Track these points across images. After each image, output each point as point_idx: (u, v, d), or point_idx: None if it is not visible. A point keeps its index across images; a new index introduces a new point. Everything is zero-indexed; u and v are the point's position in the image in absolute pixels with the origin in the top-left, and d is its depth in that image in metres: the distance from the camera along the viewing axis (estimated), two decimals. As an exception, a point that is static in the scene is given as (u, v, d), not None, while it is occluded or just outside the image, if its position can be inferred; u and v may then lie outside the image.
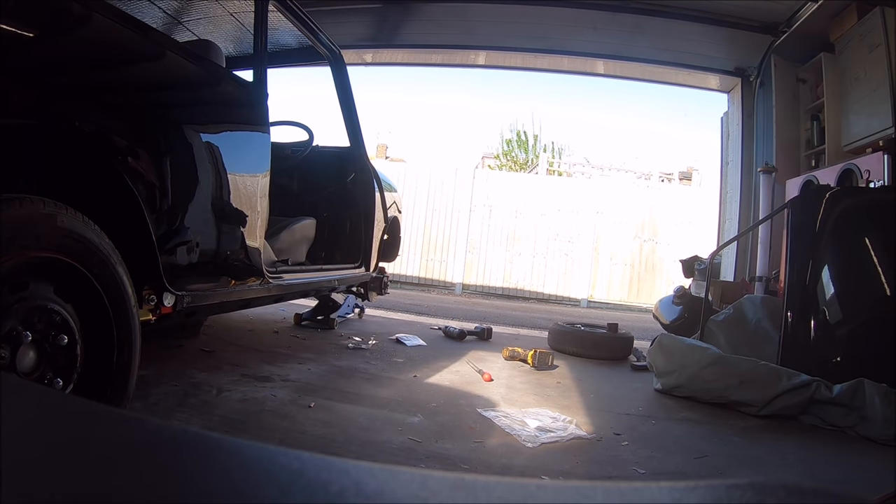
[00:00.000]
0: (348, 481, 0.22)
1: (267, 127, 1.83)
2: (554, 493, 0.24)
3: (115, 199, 1.24)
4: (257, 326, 2.98)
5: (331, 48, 2.55)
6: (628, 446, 1.65)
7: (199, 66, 1.56)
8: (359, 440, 1.50)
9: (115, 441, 0.25)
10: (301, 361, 2.31)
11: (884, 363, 2.10)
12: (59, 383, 1.04)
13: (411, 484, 0.22)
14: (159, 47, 1.40)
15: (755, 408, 2.07)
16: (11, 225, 0.92)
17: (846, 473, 1.60)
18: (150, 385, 1.72)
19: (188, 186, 1.49)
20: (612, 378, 2.60)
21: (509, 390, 2.19)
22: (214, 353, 2.27)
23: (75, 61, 1.14)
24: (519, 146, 13.95)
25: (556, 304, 7.33)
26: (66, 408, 0.30)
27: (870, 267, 2.30)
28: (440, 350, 2.86)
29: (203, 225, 1.58)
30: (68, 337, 1.06)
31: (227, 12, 2.44)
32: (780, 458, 1.66)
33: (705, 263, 3.65)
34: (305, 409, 1.70)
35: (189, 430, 0.25)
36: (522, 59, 5.66)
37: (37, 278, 1.03)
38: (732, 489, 0.22)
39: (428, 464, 1.39)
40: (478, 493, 0.22)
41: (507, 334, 3.73)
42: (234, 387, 1.84)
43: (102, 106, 1.20)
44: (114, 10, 1.21)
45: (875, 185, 3.05)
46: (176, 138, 1.45)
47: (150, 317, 1.34)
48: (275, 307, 3.23)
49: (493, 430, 1.68)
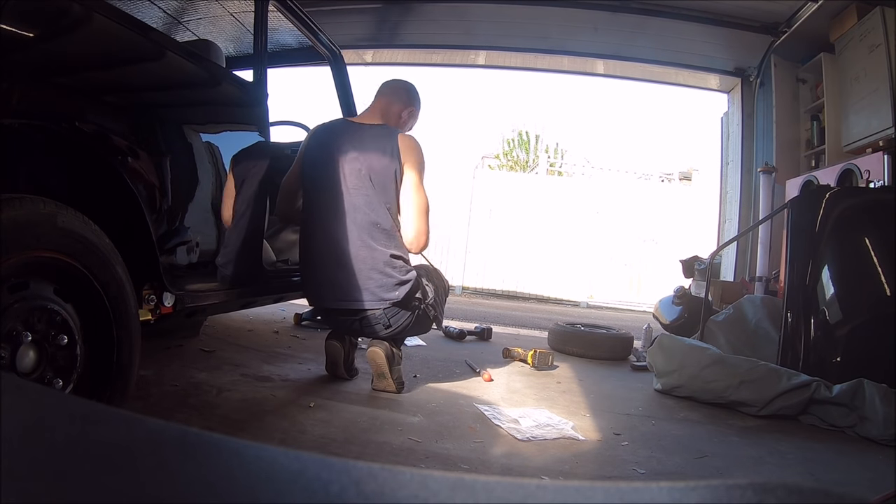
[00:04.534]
0: (348, 481, 0.22)
1: (267, 127, 1.83)
2: (554, 493, 0.24)
3: (114, 199, 1.24)
4: (257, 326, 2.98)
5: (331, 48, 2.56)
6: (628, 446, 1.65)
7: (199, 65, 1.56)
8: (359, 440, 1.50)
9: (115, 441, 0.25)
10: (301, 361, 2.31)
11: (884, 363, 2.10)
12: (59, 383, 1.04)
13: (411, 484, 0.22)
14: (159, 47, 1.40)
15: (755, 408, 2.07)
16: (11, 225, 0.92)
17: (846, 473, 1.60)
18: (150, 385, 1.72)
19: (188, 186, 1.49)
20: (612, 378, 2.60)
21: (509, 390, 2.19)
22: (214, 353, 2.27)
23: (75, 61, 1.14)
24: (520, 146, 13.96)
25: (556, 304, 7.33)
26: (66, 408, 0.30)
27: (870, 267, 2.30)
28: (440, 350, 2.85)
29: (203, 225, 1.58)
30: (68, 337, 1.06)
31: (227, 12, 2.44)
32: (780, 458, 1.66)
33: (705, 263, 3.65)
34: (305, 409, 1.70)
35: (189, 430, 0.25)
36: (522, 59, 5.66)
37: (37, 278, 1.03)
38: (732, 489, 0.22)
39: (428, 464, 1.39)
40: (478, 493, 0.22)
41: (507, 334, 3.73)
42: (234, 387, 1.84)
43: (102, 106, 1.20)
44: (114, 10, 1.21)
45: (875, 185, 3.05)
46: (176, 138, 1.45)
47: (150, 317, 1.34)
48: (275, 307, 3.23)
49: (493, 430, 1.68)
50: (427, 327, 2.10)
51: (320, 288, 1.95)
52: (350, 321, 1.95)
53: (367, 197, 1.89)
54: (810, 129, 4.21)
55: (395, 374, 1.94)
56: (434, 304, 2.03)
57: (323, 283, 1.93)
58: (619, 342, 3.11)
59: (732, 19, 4.28)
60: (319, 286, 1.95)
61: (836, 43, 3.75)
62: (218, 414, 1.58)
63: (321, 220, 1.93)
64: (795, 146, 4.37)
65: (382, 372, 1.92)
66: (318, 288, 1.97)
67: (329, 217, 1.91)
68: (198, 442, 0.25)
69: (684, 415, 2.07)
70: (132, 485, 0.21)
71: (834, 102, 3.81)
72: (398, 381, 1.96)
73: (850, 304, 2.33)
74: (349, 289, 1.89)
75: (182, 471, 0.23)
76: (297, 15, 2.15)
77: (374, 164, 1.91)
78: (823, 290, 2.39)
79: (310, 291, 2.02)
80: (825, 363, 2.27)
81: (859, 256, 2.34)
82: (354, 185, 1.90)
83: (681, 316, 3.53)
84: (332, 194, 1.91)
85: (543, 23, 4.68)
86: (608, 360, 3.01)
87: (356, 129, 2.01)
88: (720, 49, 4.71)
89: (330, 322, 2.09)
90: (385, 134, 1.96)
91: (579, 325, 3.41)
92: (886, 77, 3.22)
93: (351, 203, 1.89)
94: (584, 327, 3.36)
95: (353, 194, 1.90)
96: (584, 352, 3.03)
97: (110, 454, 0.24)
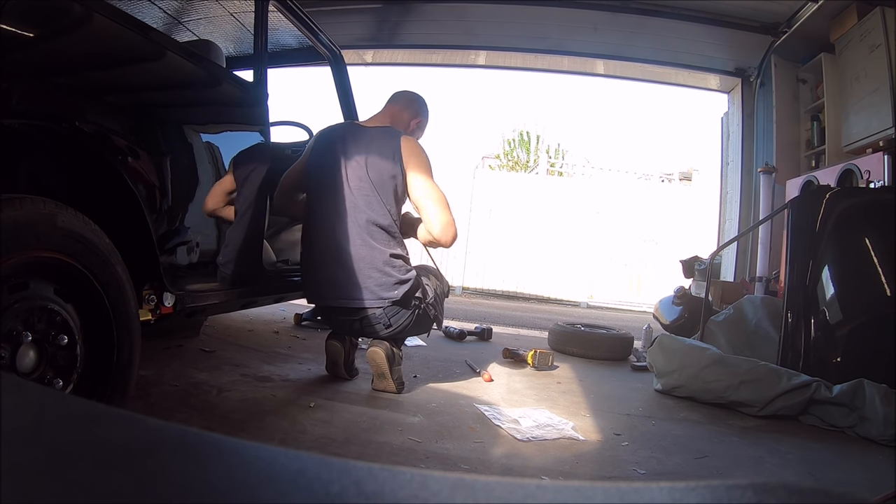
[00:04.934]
0: (348, 481, 0.22)
1: (267, 127, 1.83)
2: (554, 493, 0.24)
3: (115, 199, 1.24)
4: (257, 326, 2.98)
5: (331, 48, 2.56)
6: (628, 446, 1.65)
7: (199, 66, 1.56)
8: (359, 440, 1.50)
9: (115, 441, 0.25)
10: (301, 361, 2.31)
11: (884, 363, 2.10)
12: (59, 383, 1.04)
13: (411, 484, 0.22)
14: (159, 47, 1.40)
15: (755, 408, 2.07)
16: (11, 225, 0.92)
17: (846, 473, 1.60)
18: (150, 385, 1.72)
19: (188, 186, 1.49)
20: (612, 378, 2.60)
21: (509, 390, 2.19)
22: (214, 353, 2.27)
23: (75, 61, 1.14)
24: (521, 146, 13.95)
25: (556, 304, 7.33)
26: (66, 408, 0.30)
27: (870, 267, 2.30)
28: (440, 350, 2.85)
29: (203, 225, 1.58)
30: (68, 337, 1.06)
31: (227, 12, 2.44)
32: (780, 458, 1.66)
33: (705, 263, 3.65)
34: (305, 409, 1.70)
35: (189, 430, 0.25)
36: (522, 59, 5.66)
37: (37, 278, 1.03)
38: (732, 489, 0.22)
39: (428, 464, 1.39)
40: (478, 493, 0.22)
41: (507, 334, 3.73)
42: (234, 387, 1.84)
43: (102, 106, 1.20)
44: (114, 10, 1.21)
45: (875, 186, 3.05)
46: (176, 138, 1.45)
47: (150, 317, 1.34)
48: (275, 307, 3.23)
49: (493, 430, 1.68)
50: (427, 327, 2.10)
51: (321, 287, 1.96)
52: (350, 321, 1.95)
53: (368, 197, 1.90)
54: (810, 129, 4.21)
55: (395, 375, 1.95)
56: (434, 304, 2.04)
57: (324, 281, 1.94)
58: (620, 342, 3.11)
59: (732, 19, 4.28)
60: (320, 285, 1.96)
61: (836, 43, 3.75)
62: (218, 414, 1.58)
63: (323, 220, 1.94)
64: (795, 146, 4.37)
65: (383, 372, 1.92)
66: (318, 287, 1.97)
67: (331, 217, 1.92)
68: (198, 442, 0.25)
69: (684, 415, 2.07)
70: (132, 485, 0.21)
71: (834, 102, 3.81)
72: (398, 382, 1.96)
73: (850, 304, 2.33)
74: (349, 287, 1.89)
75: (182, 471, 0.23)
76: (297, 15, 2.15)
77: (375, 165, 1.91)
78: (823, 290, 2.39)
79: (310, 290, 2.03)
80: (825, 363, 2.27)
81: (859, 257, 2.34)
82: (356, 185, 1.91)
83: (681, 316, 3.53)
84: (334, 194, 1.92)
85: (543, 23, 4.69)
86: (608, 360, 3.01)
87: (361, 131, 2.02)
88: (720, 49, 4.71)
89: (330, 322, 2.09)
90: (388, 135, 1.97)
91: (579, 326, 3.41)
92: (886, 77, 3.22)
93: (353, 203, 1.90)
94: (584, 327, 3.36)
95: (356, 194, 1.91)
96: (585, 352, 3.03)
97: (110, 454, 0.24)
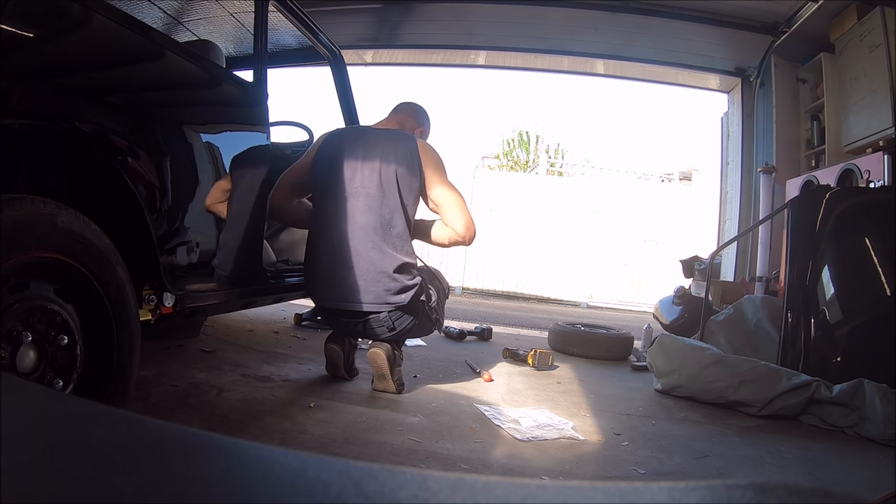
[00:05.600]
0: (348, 481, 0.22)
1: (267, 127, 1.83)
2: (554, 493, 0.24)
3: (115, 199, 1.24)
4: (257, 326, 2.98)
5: (331, 48, 2.55)
6: (628, 446, 1.65)
7: (199, 66, 1.56)
8: (359, 440, 1.50)
9: (115, 441, 0.25)
10: (301, 361, 2.31)
11: (884, 363, 2.10)
12: (59, 383, 1.04)
13: (411, 484, 0.22)
14: (159, 47, 1.40)
15: (755, 408, 2.07)
16: (11, 225, 0.92)
17: (846, 473, 1.60)
18: (150, 385, 1.72)
19: (188, 187, 1.49)
20: (612, 378, 2.60)
21: (509, 390, 2.19)
22: (214, 353, 2.27)
23: (75, 61, 1.14)
24: (521, 146, 13.95)
25: (556, 304, 7.33)
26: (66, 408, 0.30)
27: (870, 267, 2.30)
28: (440, 350, 2.85)
29: (203, 225, 1.58)
30: (68, 337, 1.06)
31: (227, 12, 2.44)
32: (780, 458, 1.66)
33: (705, 263, 3.65)
34: (305, 409, 1.70)
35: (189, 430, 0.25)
36: (522, 59, 5.66)
37: (37, 278, 1.03)
38: (732, 489, 0.22)
39: (428, 464, 1.39)
40: (478, 493, 0.22)
41: (507, 334, 3.73)
42: (234, 387, 1.84)
43: (102, 106, 1.20)
44: (114, 10, 1.21)
45: (875, 185, 3.05)
46: (176, 138, 1.45)
47: (150, 317, 1.34)
48: (275, 307, 3.23)
49: (493, 430, 1.68)
50: (429, 329, 2.10)
51: (327, 288, 1.95)
52: (353, 323, 1.94)
53: (383, 199, 1.89)
54: (810, 129, 4.21)
55: (395, 375, 1.94)
56: (436, 307, 2.03)
57: (330, 282, 1.93)
58: (620, 342, 3.11)
59: (732, 19, 4.28)
60: (327, 286, 1.95)
61: (836, 43, 3.75)
62: (218, 414, 1.58)
63: (333, 222, 1.92)
64: (795, 146, 4.38)
65: (383, 373, 1.92)
66: (324, 288, 1.96)
67: (341, 219, 1.90)
68: (198, 442, 0.25)
69: (684, 415, 2.07)
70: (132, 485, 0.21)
71: (834, 102, 3.81)
72: (398, 382, 1.96)
73: (850, 304, 2.33)
74: (357, 291, 1.88)
75: (182, 471, 0.23)
76: (297, 15, 2.15)
77: (392, 167, 1.90)
78: (823, 290, 2.39)
79: (315, 291, 2.01)
80: (825, 363, 2.27)
81: (859, 256, 2.34)
82: (371, 187, 1.89)
83: (681, 316, 3.53)
84: (346, 197, 1.90)
85: (543, 23, 4.69)
86: (608, 360, 3.01)
87: (374, 133, 2.01)
88: (720, 49, 4.71)
89: (332, 323, 2.09)
90: (403, 138, 1.97)
91: (579, 326, 3.41)
92: (886, 77, 3.22)
93: (366, 206, 1.89)
94: (584, 327, 3.36)
95: (370, 197, 1.89)
96: (585, 352, 3.03)
97: (110, 454, 0.24)
